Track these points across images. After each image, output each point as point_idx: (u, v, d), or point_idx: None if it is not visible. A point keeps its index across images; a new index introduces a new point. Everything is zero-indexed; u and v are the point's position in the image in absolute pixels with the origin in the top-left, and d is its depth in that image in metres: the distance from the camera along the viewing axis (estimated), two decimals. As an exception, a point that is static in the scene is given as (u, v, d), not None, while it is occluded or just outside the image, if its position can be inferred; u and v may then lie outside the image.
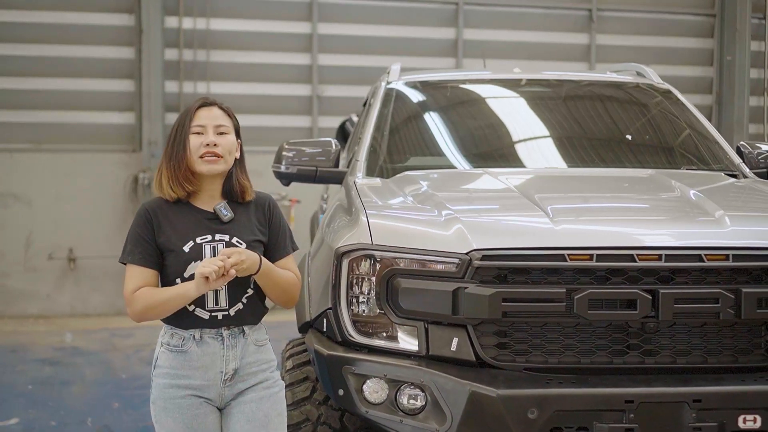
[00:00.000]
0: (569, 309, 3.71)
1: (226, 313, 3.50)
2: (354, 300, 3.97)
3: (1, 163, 11.05)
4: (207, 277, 3.30)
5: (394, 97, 5.77)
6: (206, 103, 3.58)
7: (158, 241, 3.48)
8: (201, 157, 3.49)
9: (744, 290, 3.73)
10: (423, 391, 3.77)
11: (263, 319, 3.65)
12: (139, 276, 3.47)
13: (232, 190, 3.58)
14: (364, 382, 3.86)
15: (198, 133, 3.50)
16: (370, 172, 5.17)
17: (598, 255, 3.76)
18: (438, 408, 3.73)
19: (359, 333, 3.97)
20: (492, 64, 10.92)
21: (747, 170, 5.29)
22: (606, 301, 3.73)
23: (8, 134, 11.13)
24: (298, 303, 4.40)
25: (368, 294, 3.94)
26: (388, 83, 5.91)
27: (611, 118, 5.80)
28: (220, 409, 3.56)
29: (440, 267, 3.81)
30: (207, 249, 3.48)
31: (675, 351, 3.82)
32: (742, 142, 5.60)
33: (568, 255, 3.75)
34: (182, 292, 3.41)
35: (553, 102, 5.94)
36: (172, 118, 11.00)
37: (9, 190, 11.08)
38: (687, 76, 12.73)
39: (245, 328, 3.54)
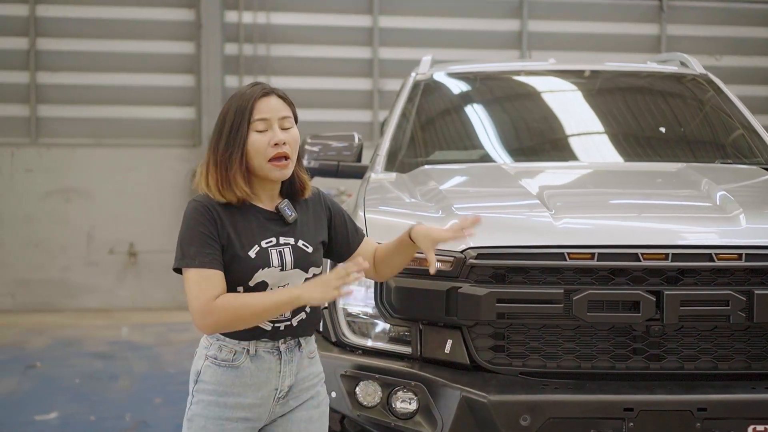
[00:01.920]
0: (567, 311, 3.53)
1: (289, 323, 3.04)
2: (349, 299, 3.84)
3: (63, 158, 11.17)
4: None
5: (421, 90, 5.59)
6: (266, 91, 3.04)
7: (222, 242, 2.96)
8: (270, 160, 2.99)
9: (757, 292, 3.51)
10: (415, 394, 3.62)
11: None
12: (215, 280, 2.91)
13: (293, 187, 3.12)
14: (356, 385, 3.73)
15: (262, 131, 2.99)
16: (389, 166, 5.02)
17: (599, 254, 3.57)
18: (429, 412, 3.58)
19: (354, 333, 3.86)
20: (556, 56, 10.73)
21: (789, 165, 4.99)
22: (607, 302, 3.53)
23: (70, 129, 11.25)
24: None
25: (364, 293, 3.82)
26: (417, 75, 5.73)
27: (646, 109, 5.55)
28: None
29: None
30: (274, 255, 2.99)
31: (682, 356, 3.61)
32: (787, 134, 5.30)
33: (568, 254, 3.57)
34: (286, 299, 2.90)
35: (584, 94, 5.71)
36: (232, 112, 10.94)
37: (71, 184, 11.19)
38: (762, 66, 12.31)
39: (301, 340, 3.10)
